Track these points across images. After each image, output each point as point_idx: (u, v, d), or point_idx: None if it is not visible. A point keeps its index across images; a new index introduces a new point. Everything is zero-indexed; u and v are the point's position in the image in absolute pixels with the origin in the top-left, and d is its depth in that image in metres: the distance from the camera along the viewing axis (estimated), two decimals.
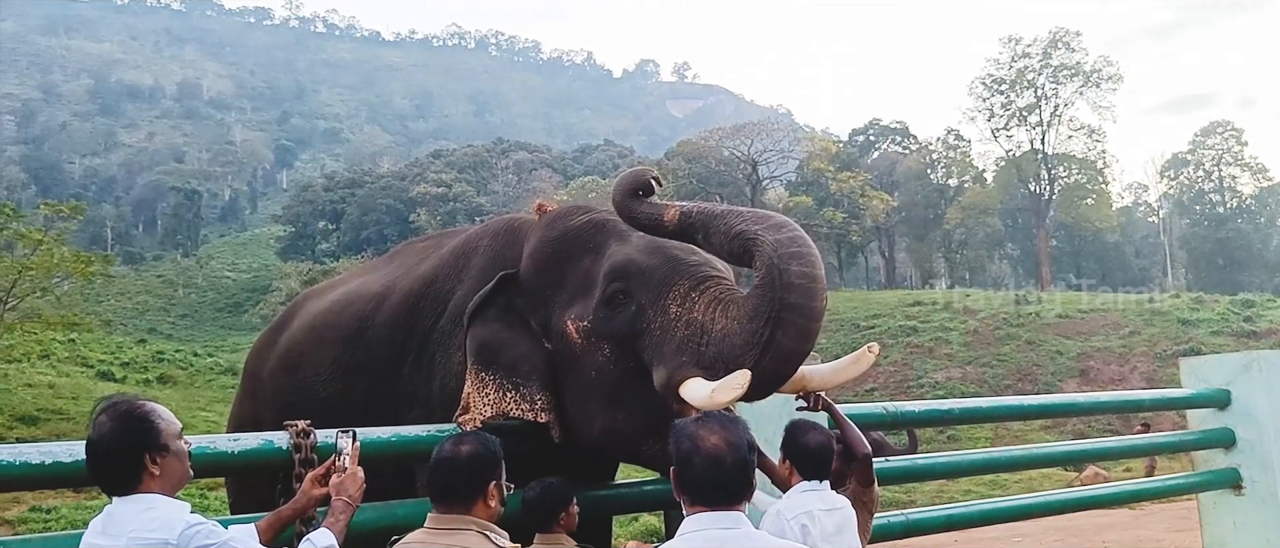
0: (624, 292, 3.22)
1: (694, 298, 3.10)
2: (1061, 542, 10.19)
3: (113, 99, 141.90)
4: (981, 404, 6.53)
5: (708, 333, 3.01)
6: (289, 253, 77.27)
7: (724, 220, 3.07)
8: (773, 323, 2.85)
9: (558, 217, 3.68)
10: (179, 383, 33.21)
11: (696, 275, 3.17)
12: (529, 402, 3.31)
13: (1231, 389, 5.96)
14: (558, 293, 3.42)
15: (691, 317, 3.07)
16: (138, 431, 2.32)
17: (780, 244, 2.89)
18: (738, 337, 2.92)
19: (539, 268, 3.50)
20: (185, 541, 2.23)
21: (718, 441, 2.20)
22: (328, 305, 4.40)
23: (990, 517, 5.31)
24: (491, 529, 2.47)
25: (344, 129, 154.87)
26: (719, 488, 2.19)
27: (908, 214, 67.66)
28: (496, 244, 3.78)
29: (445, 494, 2.50)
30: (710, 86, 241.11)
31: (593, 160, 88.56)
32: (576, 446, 3.40)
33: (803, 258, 2.87)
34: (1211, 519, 6.10)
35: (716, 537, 2.14)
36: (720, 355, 2.94)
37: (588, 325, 3.28)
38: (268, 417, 4.09)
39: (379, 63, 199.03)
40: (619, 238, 3.42)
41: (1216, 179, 70.61)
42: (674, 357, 3.04)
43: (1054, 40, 62.25)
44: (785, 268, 2.84)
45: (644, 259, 3.27)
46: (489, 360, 3.35)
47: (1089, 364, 32.34)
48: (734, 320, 2.97)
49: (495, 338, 3.39)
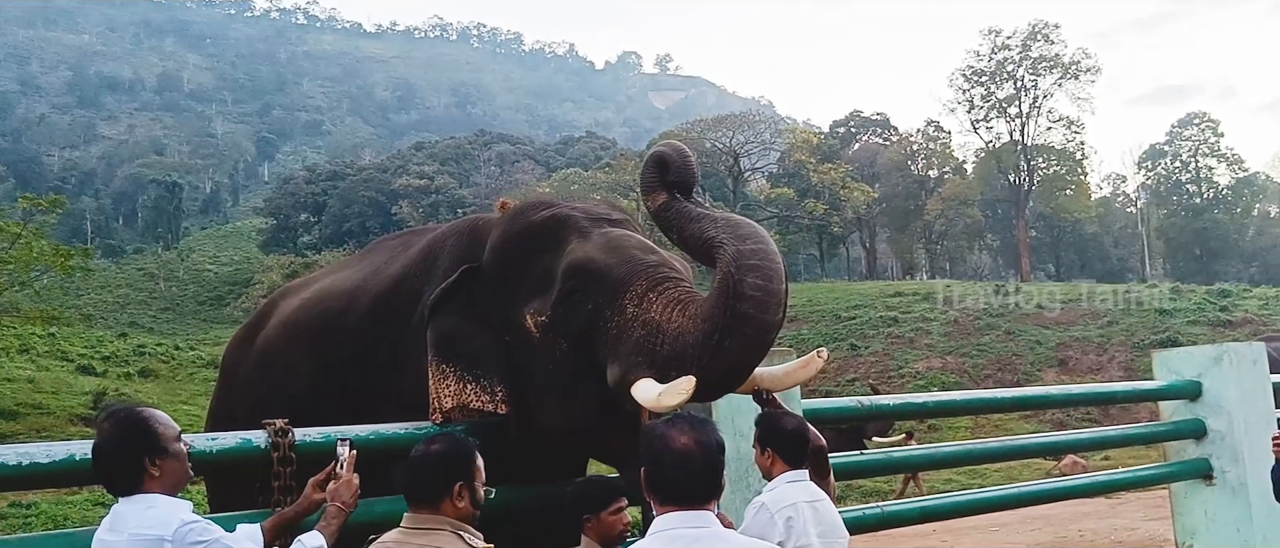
0: (581, 290, 3.26)
1: (651, 298, 3.13)
2: (1039, 531, 10.29)
3: (92, 91, 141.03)
4: (957, 397, 6.60)
5: (663, 332, 3.05)
6: (271, 246, 77.03)
7: (698, 223, 3.13)
8: (724, 330, 2.90)
9: (520, 211, 3.72)
10: (161, 377, 32.99)
11: (654, 277, 3.20)
12: (489, 394, 3.35)
13: (1202, 381, 6.04)
14: (518, 287, 3.45)
15: (648, 317, 3.10)
16: (136, 435, 2.48)
17: (741, 255, 2.93)
18: (690, 338, 2.97)
19: (500, 262, 3.54)
20: (180, 537, 2.36)
21: (687, 441, 2.23)
22: (300, 303, 4.41)
23: (965, 508, 5.37)
24: (465, 529, 2.50)
25: (325, 121, 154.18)
26: (688, 488, 2.22)
27: (888, 205, 67.80)
28: (462, 243, 3.81)
29: (418, 494, 2.54)
30: (692, 78, 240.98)
31: (575, 152, 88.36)
32: (538, 438, 3.44)
33: (760, 271, 2.92)
34: (1183, 509, 6.19)
35: (686, 536, 2.17)
36: (673, 355, 2.98)
37: (545, 321, 3.32)
38: (241, 413, 4.09)
39: (360, 54, 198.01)
40: (579, 234, 3.45)
41: (1193, 170, 70.97)
42: (628, 357, 3.08)
43: (1033, 32, 62.42)
44: (742, 279, 2.89)
45: (602, 258, 3.30)
46: (450, 353, 3.39)
47: (1068, 354, 32.54)
48: (690, 320, 3.01)
49: (456, 331, 3.42)
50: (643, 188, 3.33)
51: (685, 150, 3.33)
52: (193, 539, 2.37)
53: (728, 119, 67.04)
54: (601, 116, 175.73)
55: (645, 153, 4.43)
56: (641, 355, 3.05)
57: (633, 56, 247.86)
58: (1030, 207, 64.69)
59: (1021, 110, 63.29)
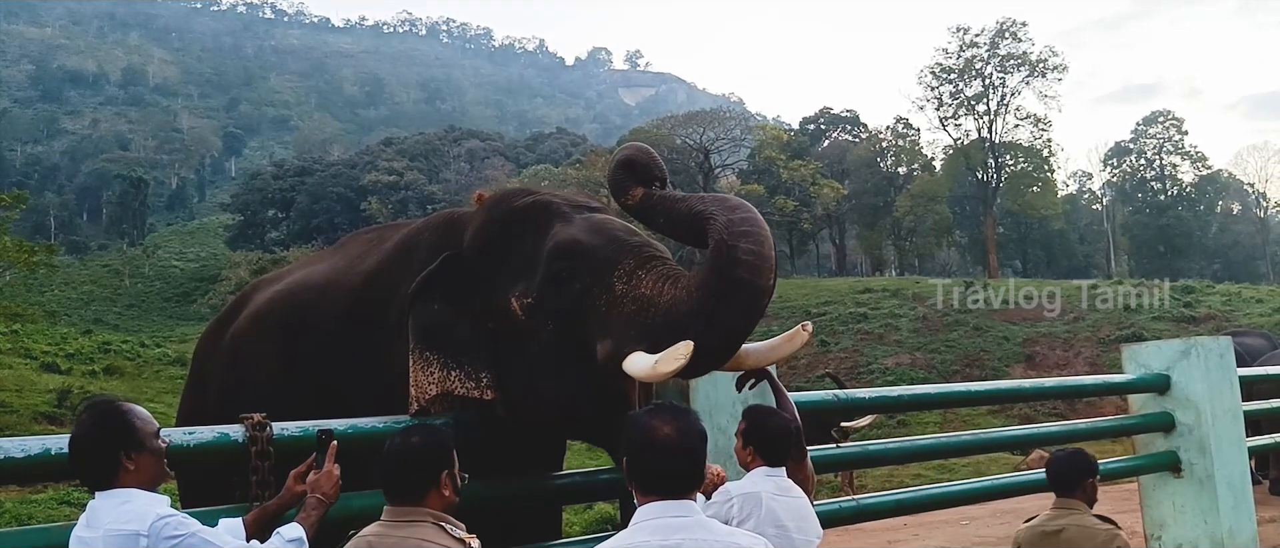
0: (568, 270, 3.26)
1: (640, 275, 3.16)
2: (1009, 525, 10.30)
3: (55, 85, 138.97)
4: (929, 390, 6.64)
5: (655, 306, 3.08)
6: (238, 242, 76.34)
7: (684, 203, 3.22)
8: (719, 296, 2.95)
9: (501, 198, 3.73)
10: (126, 374, 32.60)
11: (641, 255, 3.23)
12: (474, 380, 3.34)
13: (1171, 374, 6.12)
14: (501, 272, 3.44)
15: (638, 293, 3.13)
16: (113, 428, 2.46)
17: (733, 223, 3.00)
18: (684, 306, 3.01)
19: (483, 248, 3.52)
20: (156, 532, 2.33)
21: (670, 431, 2.24)
22: (271, 296, 4.38)
23: (938, 501, 5.41)
24: (447, 520, 2.49)
25: (293, 116, 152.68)
26: (671, 478, 2.23)
27: (858, 202, 68.20)
28: (437, 237, 3.78)
29: (398, 487, 2.52)
30: (662, 74, 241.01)
31: (545, 148, 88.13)
32: (523, 423, 3.44)
33: (752, 237, 2.98)
34: (1152, 501, 6.26)
35: (669, 525, 2.18)
36: (666, 325, 3.01)
37: (531, 303, 3.31)
38: (211, 409, 4.06)
39: (329, 49, 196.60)
40: (562, 219, 3.46)
41: (1158, 168, 71.85)
42: (619, 332, 3.10)
43: (1001, 30, 62.91)
44: (734, 244, 2.95)
45: (588, 239, 3.31)
46: (432, 340, 3.37)
47: (1035, 350, 32.81)
48: (682, 290, 3.06)
49: (438, 318, 3.40)
50: (615, 190, 3.36)
51: (648, 148, 3.38)
52: (169, 534, 2.33)
53: (698, 116, 67.01)
54: (571, 113, 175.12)
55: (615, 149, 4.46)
56: (633, 330, 3.07)
57: (603, 53, 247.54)
58: (998, 204, 65.21)
59: (989, 108, 63.81)
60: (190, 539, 2.36)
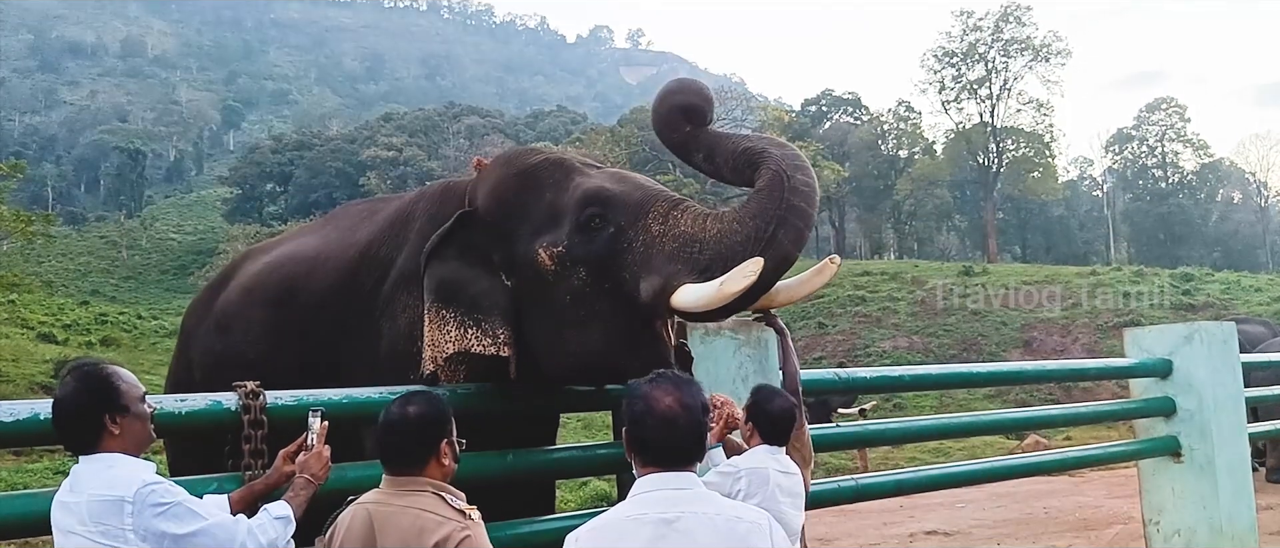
0: (600, 215, 3.32)
1: (676, 216, 3.29)
2: (1004, 508, 10.35)
3: (53, 55, 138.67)
4: (930, 371, 6.62)
5: (700, 241, 3.20)
6: (236, 215, 76.10)
7: (731, 139, 3.40)
8: (776, 222, 3.11)
9: (515, 156, 3.78)
10: (123, 346, 32.66)
11: (672, 198, 3.38)
12: (491, 337, 3.33)
13: (1173, 359, 6.09)
14: (521, 226, 3.44)
15: (678, 231, 3.24)
16: (98, 391, 2.40)
17: (788, 157, 3.20)
18: (738, 236, 3.15)
19: (501, 203, 3.51)
20: (141, 498, 2.27)
21: (671, 401, 2.20)
22: (261, 267, 4.34)
23: (939, 482, 5.38)
24: (447, 490, 2.43)
25: (293, 90, 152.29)
26: (672, 449, 2.19)
27: (858, 185, 68.10)
28: (433, 207, 3.77)
29: (396, 457, 2.46)
30: (664, 53, 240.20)
31: (545, 126, 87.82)
32: (543, 379, 3.46)
33: (806, 170, 3.20)
34: (1151, 486, 6.24)
35: (669, 497, 2.14)
36: (718, 256, 3.15)
37: (561, 251, 3.33)
38: (197, 377, 4.06)
39: (329, 23, 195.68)
40: (581, 173, 3.52)
41: (1159, 155, 71.74)
42: (664, 267, 3.19)
43: (1005, 14, 62.71)
44: (792, 175, 3.14)
45: (616, 186, 3.41)
46: (449, 298, 3.36)
47: (1032, 335, 32.85)
48: (734, 222, 3.20)
49: (456, 275, 3.40)
50: (664, 122, 3.41)
51: (705, 87, 3.51)
52: (154, 501, 2.28)
53: None
54: (572, 91, 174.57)
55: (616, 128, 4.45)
56: (680, 264, 3.18)
57: (604, 31, 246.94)
58: (998, 189, 65.15)
59: (992, 92, 63.70)
60: (176, 508, 2.30)
